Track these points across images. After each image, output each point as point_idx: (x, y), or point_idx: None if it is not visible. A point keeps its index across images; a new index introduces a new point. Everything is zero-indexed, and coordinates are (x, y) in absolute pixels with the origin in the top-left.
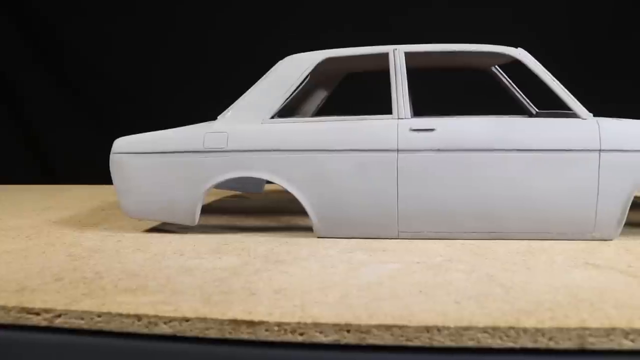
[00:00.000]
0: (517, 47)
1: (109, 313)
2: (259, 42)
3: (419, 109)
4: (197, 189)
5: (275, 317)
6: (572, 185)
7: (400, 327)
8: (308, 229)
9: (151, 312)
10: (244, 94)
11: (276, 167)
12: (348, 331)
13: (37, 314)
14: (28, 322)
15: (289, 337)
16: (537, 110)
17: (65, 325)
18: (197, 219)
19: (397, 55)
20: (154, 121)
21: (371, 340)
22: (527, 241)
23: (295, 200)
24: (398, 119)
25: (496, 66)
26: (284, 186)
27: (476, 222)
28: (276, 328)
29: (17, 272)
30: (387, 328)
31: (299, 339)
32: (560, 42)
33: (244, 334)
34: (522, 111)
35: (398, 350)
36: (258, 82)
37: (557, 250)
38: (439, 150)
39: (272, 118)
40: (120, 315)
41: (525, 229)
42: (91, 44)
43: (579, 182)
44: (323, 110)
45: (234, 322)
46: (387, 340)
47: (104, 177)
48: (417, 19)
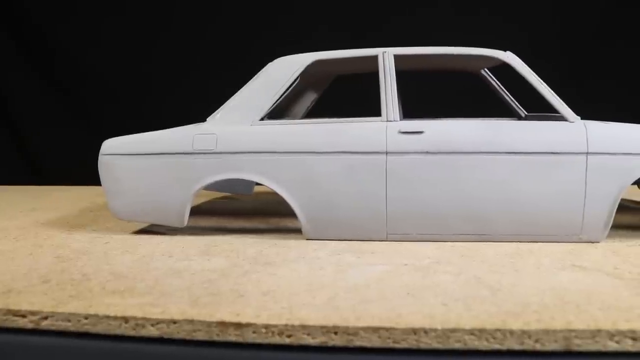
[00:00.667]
0: (508, 49)
1: (96, 315)
2: (250, 44)
3: (409, 111)
4: (186, 191)
5: (262, 319)
6: (560, 188)
7: (387, 329)
8: (297, 231)
9: (139, 314)
10: (234, 96)
11: (265, 168)
12: (335, 333)
13: (24, 316)
14: (14, 325)
15: (277, 339)
16: (526, 113)
17: (52, 328)
18: (186, 220)
19: (386, 57)
20: (144, 122)
21: (358, 342)
22: (515, 243)
23: (285, 202)
24: (387, 121)
25: (485, 69)
26: (273, 188)
27: (465, 224)
28: (264, 330)
29: (4, 274)
30: (375, 330)
31: (287, 341)
32: (550, 43)
33: (231, 336)
34: (511, 114)
35: (385, 352)
36: (248, 83)
37: (544, 253)
38: (427, 152)
39: (261, 120)
40: (108, 317)
41: (513, 231)
42: (81, 44)
43: (566, 185)
44: (313, 112)
45: (222, 324)
46: (375, 342)
47: (92, 178)
48: (408, 22)
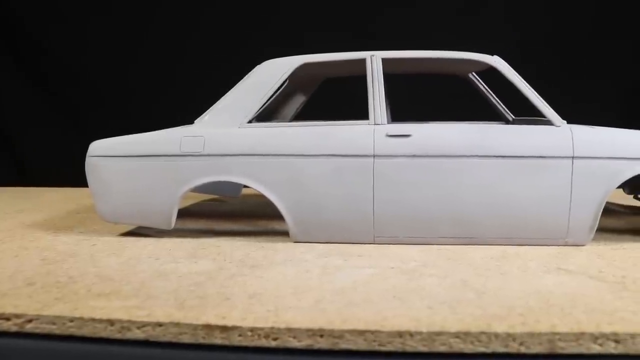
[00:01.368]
0: (498, 51)
1: (81, 318)
2: (238, 46)
3: (398, 114)
4: (174, 193)
5: (249, 322)
6: (546, 192)
7: (373, 332)
8: (285, 234)
9: (124, 317)
10: (222, 98)
11: (253, 171)
12: (321, 336)
13: (8, 319)
14: None
15: (263, 342)
16: (513, 117)
17: (37, 331)
18: (173, 223)
19: (374, 61)
20: (131, 124)
21: (344, 345)
22: (502, 246)
23: (272, 205)
24: (374, 124)
25: (473, 73)
26: (261, 190)
27: (451, 228)
28: (249, 333)
29: None
30: (360, 333)
31: (273, 344)
32: (541, 46)
33: (217, 339)
34: (499, 118)
35: (371, 355)
36: (236, 86)
37: (530, 256)
38: (414, 156)
39: (249, 122)
40: (93, 320)
41: (500, 234)
42: (68, 45)
43: (552, 189)
44: (302, 115)
45: (208, 327)
46: (360, 345)
47: (80, 179)
48: (399, 24)
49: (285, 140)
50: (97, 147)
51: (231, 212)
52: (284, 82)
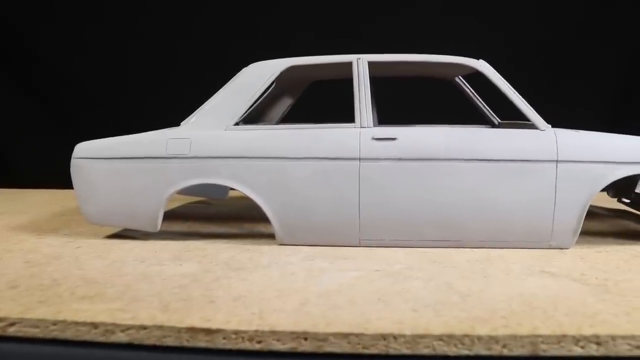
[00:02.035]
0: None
1: (64, 321)
2: (227, 49)
3: (385, 117)
4: (159, 195)
5: (233, 325)
6: (530, 195)
7: (357, 335)
8: (271, 236)
9: (108, 319)
10: (208, 100)
11: (239, 173)
12: (305, 339)
13: None
14: None
15: (247, 345)
16: (499, 121)
17: (19, 334)
18: (159, 225)
19: (361, 64)
20: (120, 126)
21: (328, 348)
22: (486, 249)
23: (258, 207)
24: (360, 127)
25: (460, 77)
26: (247, 193)
27: (436, 231)
28: (233, 336)
29: None
30: (344, 336)
31: (257, 346)
32: (528, 50)
33: (201, 342)
34: (485, 121)
35: (355, 358)
36: (222, 88)
37: (514, 259)
38: (400, 159)
39: (235, 124)
40: (76, 323)
41: (484, 237)
42: (58, 47)
43: (536, 192)
44: (289, 117)
45: (192, 330)
46: (344, 348)
47: (66, 181)
48: (386, 28)
49: (271, 142)
50: (83, 148)
51: (217, 214)
52: (271, 85)
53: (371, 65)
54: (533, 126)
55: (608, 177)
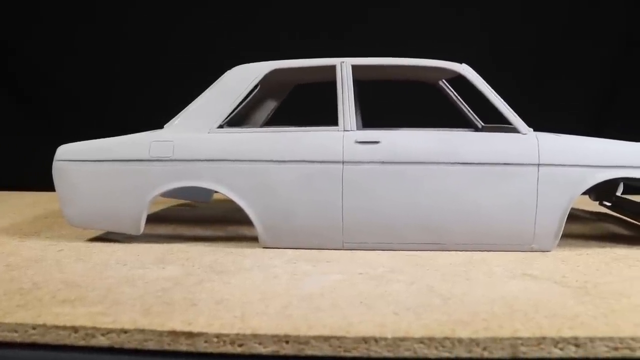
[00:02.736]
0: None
1: (44, 325)
2: (212, 52)
3: (370, 120)
4: (142, 198)
5: (214, 328)
6: (512, 198)
7: (338, 338)
8: (254, 239)
9: (88, 323)
10: (191, 103)
11: (222, 177)
12: (287, 342)
13: None
14: None
15: (228, 349)
16: (482, 124)
17: None
18: (142, 228)
19: (344, 67)
20: (105, 128)
21: (309, 351)
22: (469, 253)
23: (242, 210)
24: (344, 130)
25: (443, 80)
26: (230, 196)
27: (419, 234)
28: (215, 339)
29: None
30: (326, 339)
31: (238, 350)
32: (513, 54)
33: (182, 346)
34: (468, 125)
35: None
36: (205, 91)
37: (497, 262)
38: (383, 162)
39: (219, 127)
40: (57, 327)
41: (467, 240)
42: (41, 49)
43: (518, 195)
44: (273, 120)
45: (173, 334)
46: (326, 351)
47: (49, 183)
48: (373, 30)
49: (255, 146)
50: (65, 151)
51: (201, 217)
52: (255, 88)
53: (355, 68)
54: (515, 130)
55: (589, 180)
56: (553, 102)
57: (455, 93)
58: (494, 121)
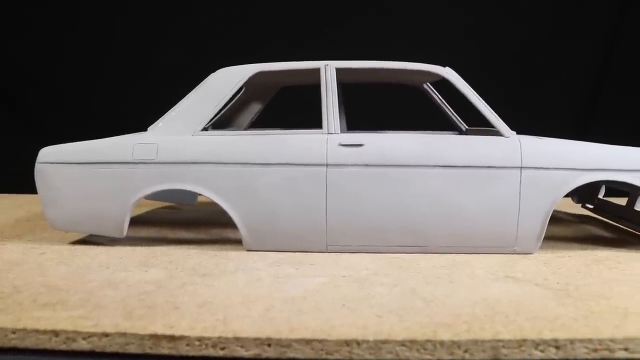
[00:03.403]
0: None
1: (24, 329)
2: (199, 54)
3: (354, 123)
4: (126, 201)
5: (196, 331)
6: (495, 201)
7: (320, 341)
8: (238, 242)
9: (70, 327)
10: (175, 106)
11: (206, 179)
12: (269, 345)
13: None
14: None
15: (210, 352)
16: (466, 127)
17: None
18: (125, 231)
19: (328, 70)
20: (90, 131)
21: (291, 354)
22: (452, 255)
23: (226, 213)
24: (328, 133)
25: (428, 83)
26: (214, 199)
27: (403, 237)
28: (197, 343)
29: None
30: (308, 342)
31: (220, 353)
32: (498, 58)
33: (164, 349)
34: (453, 128)
35: None
36: (190, 94)
37: (479, 264)
38: (366, 165)
39: (203, 130)
40: (37, 331)
41: (450, 243)
42: (27, 50)
43: (501, 198)
44: (258, 123)
45: (155, 337)
46: (308, 354)
47: (32, 185)
48: (360, 34)
49: (238, 148)
50: (47, 153)
51: (186, 220)
52: (239, 90)
53: (339, 71)
54: (498, 133)
55: (571, 183)
56: (538, 105)
57: (439, 96)
58: (479, 124)
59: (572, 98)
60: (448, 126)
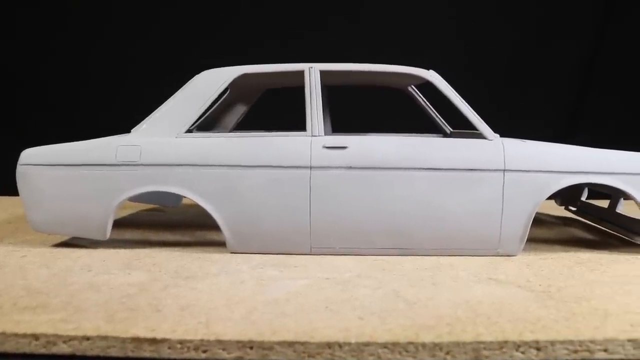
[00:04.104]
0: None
1: (3, 333)
2: (184, 56)
3: (339, 126)
4: (109, 203)
5: (178, 334)
6: (479, 204)
7: (302, 344)
8: (222, 244)
9: (50, 331)
10: (159, 107)
11: (189, 181)
12: (251, 348)
13: None
14: None
15: (192, 355)
16: (451, 130)
17: None
18: (108, 233)
19: (313, 73)
20: (75, 132)
21: (273, 357)
22: (436, 257)
23: (211, 215)
24: (312, 136)
25: (413, 86)
26: (197, 201)
27: (386, 239)
28: (179, 346)
29: None
30: (290, 344)
31: (202, 356)
32: (484, 61)
33: (146, 352)
34: (438, 130)
35: None
36: (174, 95)
37: (463, 266)
38: (350, 167)
39: (187, 132)
40: (16, 335)
41: (434, 245)
42: (11, 50)
43: (484, 201)
44: (244, 125)
45: (136, 340)
46: (290, 356)
47: (12, 187)
48: (347, 36)
49: (222, 150)
50: (29, 154)
51: (169, 222)
52: (224, 92)
53: (323, 74)
54: (482, 136)
55: (553, 186)
56: (523, 108)
57: (424, 99)
58: (464, 127)
59: (556, 99)
60: (432, 129)
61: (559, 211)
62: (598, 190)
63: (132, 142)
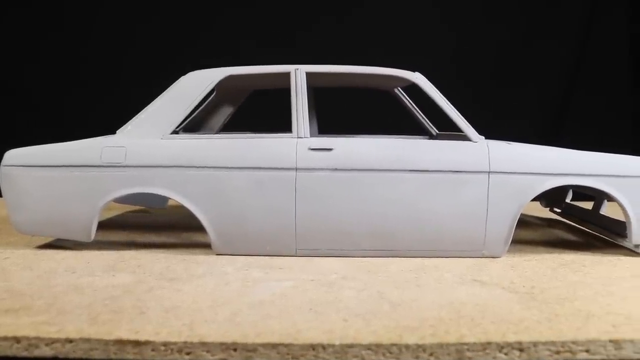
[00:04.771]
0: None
1: None
2: (173, 58)
3: (326, 127)
4: (93, 205)
5: (162, 336)
6: (464, 206)
7: (286, 345)
8: (207, 246)
9: (32, 333)
10: (145, 108)
11: (174, 183)
12: (235, 350)
13: None
14: None
15: (176, 357)
16: (437, 132)
17: None
18: (93, 235)
19: (299, 74)
20: (63, 134)
21: (257, 359)
22: (421, 259)
23: (197, 217)
24: (297, 137)
25: (399, 88)
26: (183, 203)
27: (372, 240)
28: (162, 348)
29: None
30: (274, 346)
31: (186, 358)
32: (471, 63)
33: (129, 355)
34: (423, 132)
35: None
36: (159, 97)
37: (448, 268)
38: (335, 169)
39: (173, 133)
40: None
41: (419, 247)
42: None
43: (469, 202)
44: (230, 126)
45: (120, 342)
46: (274, 358)
47: None
48: (334, 37)
49: (207, 152)
50: (13, 155)
51: (155, 223)
52: (211, 93)
53: (309, 75)
54: (467, 138)
55: (537, 188)
56: (508, 110)
57: (410, 101)
58: (450, 129)
59: (541, 100)
60: (419, 130)
61: (544, 213)
62: (582, 192)
63: (118, 143)
